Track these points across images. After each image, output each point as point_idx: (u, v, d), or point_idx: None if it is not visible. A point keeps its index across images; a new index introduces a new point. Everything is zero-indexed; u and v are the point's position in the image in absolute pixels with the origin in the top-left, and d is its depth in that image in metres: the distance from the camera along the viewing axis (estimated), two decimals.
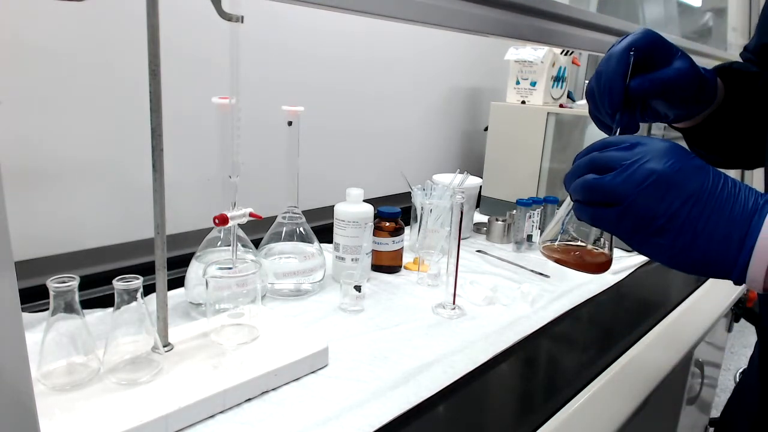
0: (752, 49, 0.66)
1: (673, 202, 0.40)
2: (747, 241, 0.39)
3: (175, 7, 0.80)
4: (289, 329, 0.68)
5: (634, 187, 0.41)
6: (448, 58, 1.44)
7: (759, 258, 0.39)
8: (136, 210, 0.83)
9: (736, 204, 0.40)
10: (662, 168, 0.41)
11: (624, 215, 0.42)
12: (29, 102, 0.73)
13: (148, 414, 0.49)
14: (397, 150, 1.34)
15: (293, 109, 0.78)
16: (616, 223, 0.43)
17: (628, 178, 0.41)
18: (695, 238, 0.40)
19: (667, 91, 0.52)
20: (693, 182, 0.41)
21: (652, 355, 0.76)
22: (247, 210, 0.62)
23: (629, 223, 0.42)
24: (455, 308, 0.80)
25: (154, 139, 0.54)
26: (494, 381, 0.65)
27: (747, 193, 0.41)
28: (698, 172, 0.41)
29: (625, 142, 0.44)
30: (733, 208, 0.40)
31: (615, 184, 0.42)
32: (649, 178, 0.41)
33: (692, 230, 0.40)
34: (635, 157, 0.42)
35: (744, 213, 0.40)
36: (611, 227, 0.44)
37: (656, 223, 0.41)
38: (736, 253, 0.40)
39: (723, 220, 0.40)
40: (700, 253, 0.41)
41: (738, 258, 0.40)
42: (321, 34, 1.08)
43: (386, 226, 0.93)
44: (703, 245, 0.40)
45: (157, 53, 0.52)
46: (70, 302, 0.52)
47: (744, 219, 0.39)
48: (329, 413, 0.55)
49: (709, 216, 0.40)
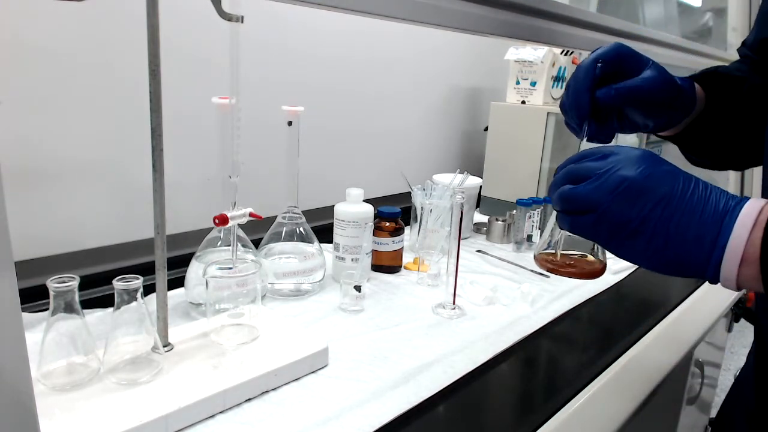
0: (750, 44, 0.66)
1: (645, 206, 0.42)
2: (719, 240, 0.40)
3: (175, 7, 0.80)
4: (289, 329, 0.68)
5: (607, 194, 0.43)
6: (448, 58, 1.44)
7: (731, 257, 0.40)
8: (136, 210, 0.83)
9: (707, 206, 0.42)
10: (633, 175, 0.43)
11: (599, 221, 0.44)
12: (29, 102, 0.73)
13: (148, 414, 0.49)
14: (397, 150, 1.34)
15: (293, 109, 0.78)
16: (593, 229, 0.45)
17: (600, 186, 0.43)
18: (668, 240, 0.42)
19: (635, 99, 0.53)
20: (663, 187, 0.42)
21: (652, 355, 0.76)
22: (247, 210, 0.62)
23: (605, 228, 0.44)
24: (455, 308, 0.80)
25: (154, 139, 0.54)
26: (494, 381, 0.65)
27: (718, 195, 0.42)
28: (669, 177, 0.43)
29: (599, 152, 0.46)
30: (704, 210, 0.41)
31: (589, 193, 0.44)
32: (622, 185, 0.43)
33: (665, 232, 0.42)
34: (608, 166, 0.44)
35: (715, 214, 0.41)
36: (589, 233, 0.46)
37: (630, 227, 0.43)
38: (709, 252, 0.41)
39: (694, 221, 0.41)
40: (674, 254, 0.42)
41: (711, 257, 0.41)
42: (321, 34, 1.08)
43: (386, 226, 0.93)
44: (677, 246, 0.42)
45: (157, 53, 0.52)
46: (70, 302, 0.52)
47: (715, 220, 0.41)
48: (329, 413, 0.55)
49: (681, 218, 0.42)
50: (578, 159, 0.47)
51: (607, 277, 0.97)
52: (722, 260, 0.40)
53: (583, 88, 0.52)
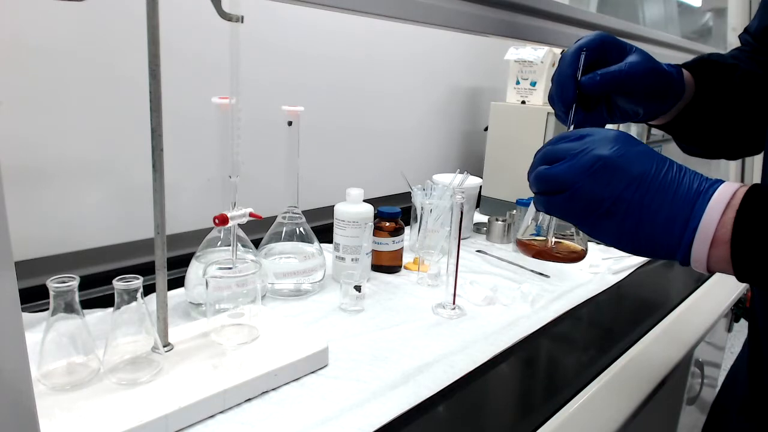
0: (753, 31, 0.65)
1: (618, 186, 0.43)
2: (690, 222, 0.41)
3: (175, 7, 0.80)
4: (289, 329, 0.68)
5: (581, 173, 0.43)
6: (448, 58, 1.44)
7: (701, 239, 0.40)
8: (136, 210, 0.83)
9: (681, 187, 0.42)
10: (607, 154, 0.43)
11: (572, 200, 0.44)
12: (29, 102, 0.73)
13: (148, 414, 0.49)
14: (397, 150, 1.34)
15: (293, 109, 0.78)
16: (567, 208, 0.45)
17: (574, 165, 0.44)
18: (640, 220, 0.42)
19: (620, 85, 0.53)
20: (637, 167, 0.43)
21: (652, 355, 0.75)
22: (247, 210, 0.62)
23: (578, 207, 0.44)
24: (455, 308, 0.80)
25: (154, 139, 0.54)
26: (494, 381, 0.65)
27: (692, 177, 0.42)
28: (642, 158, 0.43)
29: (575, 134, 0.46)
30: (677, 192, 0.42)
31: (562, 172, 0.44)
32: (596, 164, 0.43)
33: (637, 213, 0.42)
34: (583, 146, 0.44)
35: (688, 196, 0.41)
36: (563, 213, 0.47)
37: (603, 207, 0.43)
38: (680, 234, 0.41)
39: (667, 202, 0.42)
40: (646, 234, 0.43)
41: (682, 239, 0.41)
42: (321, 34, 1.08)
43: (386, 226, 0.93)
44: (649, 227, 0.42)
45: (157, 53, 0.52)
46: (70, 302, 0.52)
47: (688, 201, 0.41)
48: (329, 413, 0.55)
49: (653, 199, 0.42)
50: (555, 141, 0.48)
51: (607, 277, 0.97)
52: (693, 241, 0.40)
53: (568, 76, 0.53)
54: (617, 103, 0.57)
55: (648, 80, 0.54)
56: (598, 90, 0.53)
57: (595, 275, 0.98)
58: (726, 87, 0.59)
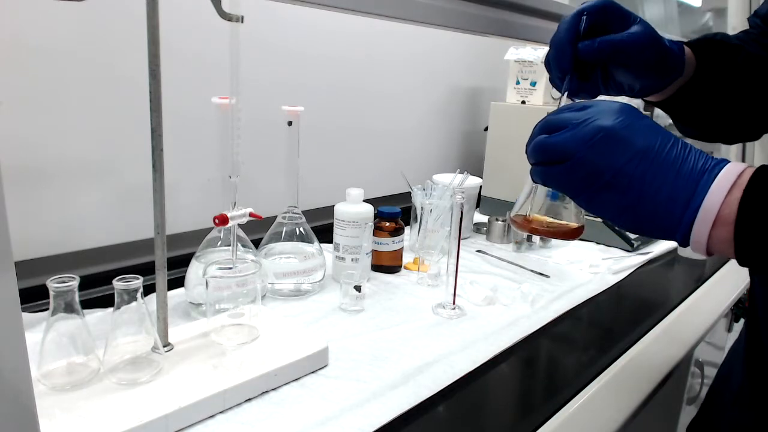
0: (763, 14, 0.64)
1: (620, 158, 0.41)
2: (693, 200, 0.39)
3: (175, 7, 0.80)
4: (289, 329, 0.68)
5: (582, 143, 0.42)
6: (448, 58, 1.44)
7: (704, 218, 0.39)
8: (136, 210, 0.83)
9: (685, 165, 0.40)
10: (611, 124, 0.41)
11: (572, 171, 0.43)
12: (29, 102, 0.73)
13: (148, 414, 0.49)
14: (397, 150, 1.34)
15: (293, 109, 0.78)
16: (566, 179, 0.44)
17: (576, 135, 0.42)
18: (641, 195, 0.41)
19: (619, 54, 0.52)
20: (640, 140, 0.41)
21: (652, 355, 0.75)
22: (247, 210, 0.62)
23: (577, 178, 0.43)
24: (455, 308, 0.80)
25: (154, 139, 0.54)
26: (494, 381, 0.65)
27: (697, 155, 0.41)
28: (647, 132, 0.42)
29: (578, 105, 0.45)
30: (681, 168, 0.40)
31: (563, 141, 0.43)
32: (597, 135, 0.41)
33: (639, 187, 0.41)
34: (586, 116, 0.43)
35: (692, 173, 0.40)
36: (561, 185, 0.45)
37: (603, 179, 0.42)
38: (681, 213, 0.40)
39: (669, 179, 0.40)
40: (645, 210, 0.41)
41: (683, 217, 0.40)
42: (321, 34, 1.08)
43: (386, 226, 0.93)
44: (649, 203, 0.41)
45: (157, 53, 0.52)
46: (70, 302, 0.52)
47: (691, 180, 0.40)
48: (329, 413, 0.55)
49: (656, 174, 0.40)
50: (557, 112, 0.46)
51: (607, 277, 0.97)
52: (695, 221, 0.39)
53: (566, 41, 0.51)
54: (614, 74, 0.55)
55: (647, 53, 0.52)
56: (595, 57, 0.51)
57: (595, 275, 0.98)
58: (727, 68, 0.58)
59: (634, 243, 1.12)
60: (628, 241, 1.12)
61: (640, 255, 1.10)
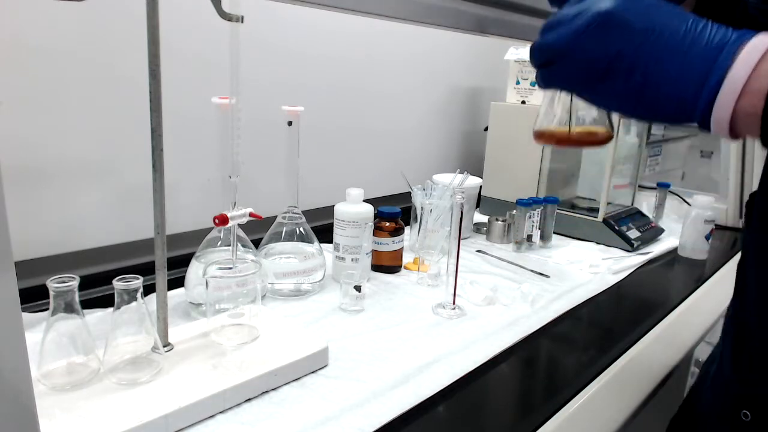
0: None
1: (617, 41, 0.39)
2: (710, 78, 0.36)
3: (175, 7, 0.80)
4: (289, 329, 0.68)
5: (573, 36, 0.40)
6: (448, 58, 1.44)
7: (725, 97, 0.36)
8: (136, 210, 0.83)
9: (698, 40, 0.37)
10: (604, 8, 0.39)
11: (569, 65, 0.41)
12: (29, 102, 0.73)
13: (148, 414, 0.49)
14: (397, 150, 1.34)
15: (293, 109, 0.78)
16: (565, 76, 0.42)
17: (568, 28, 0.40)
18: (647, 77, 0.38)
19: None
20: (638, 20, 0.38)
21: (652, 355, 0.76)
22: (247, 210, 0.62)
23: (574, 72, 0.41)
24: (455, 308, 0.80)
25: (154, 139, 0.54)
26: (494, 381, 0.65)
27: (713, 29, 0.37)
28: (647, 10, 0.39)
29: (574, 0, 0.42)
30: (693, 44, 0.37)
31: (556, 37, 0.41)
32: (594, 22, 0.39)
33: (643, 66, 0.38)
34: (579, 9, 0.40)
35: (708, 49, 0.37)
36: (562, 83, 0.43)
37: (603, 64, 0.39)
38: (697, 91, 0.37)
39: (679, 56, 0.37)
40: (655, 93, 0.38)
41: (700, 97, 0.37)
42: (321, 34, 1.08)
43: (386, 226, 0.93)
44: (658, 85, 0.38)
45: (157, 53, 0.52)
46: (70, 302, 0.52)
47: (707, 55, 0.36)
48: (329, 413, 0.55)
49: (663, 52, 0.38)
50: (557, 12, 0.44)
51: (607, 277, 0.97)
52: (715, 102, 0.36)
53: None
54: None
55: None
56: None
57: (595, 275, 0.99)
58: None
59: (634, 243, 1.12)
60: (628, 241, 1.12)
61: (640, 255, 1.10)
